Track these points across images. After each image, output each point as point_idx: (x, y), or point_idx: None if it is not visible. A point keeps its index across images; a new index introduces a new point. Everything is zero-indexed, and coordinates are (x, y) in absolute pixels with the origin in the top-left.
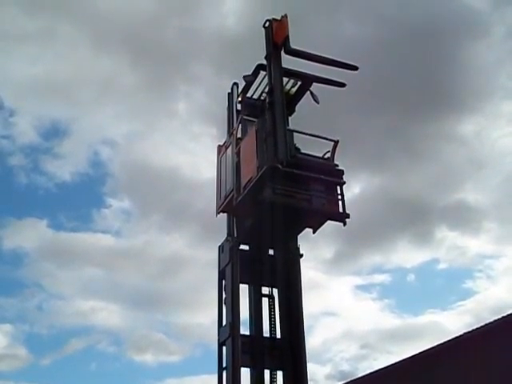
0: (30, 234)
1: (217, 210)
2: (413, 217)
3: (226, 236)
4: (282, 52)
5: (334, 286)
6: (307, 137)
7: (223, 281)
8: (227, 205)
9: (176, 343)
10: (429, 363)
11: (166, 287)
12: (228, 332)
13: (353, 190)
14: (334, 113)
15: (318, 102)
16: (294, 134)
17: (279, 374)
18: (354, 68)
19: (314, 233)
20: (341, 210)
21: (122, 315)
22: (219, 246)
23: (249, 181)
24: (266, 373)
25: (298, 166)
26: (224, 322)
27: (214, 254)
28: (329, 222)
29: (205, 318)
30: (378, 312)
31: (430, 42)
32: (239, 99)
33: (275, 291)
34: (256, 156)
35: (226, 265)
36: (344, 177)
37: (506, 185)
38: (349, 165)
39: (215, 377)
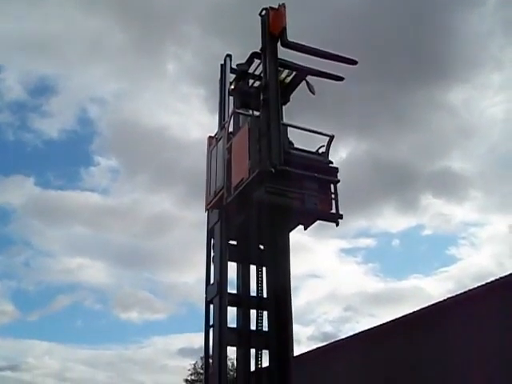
0: (18, 191)
1: (206, 205)
2: (399, 183)
3: None
4: (279, 43)
5: (320, 249)
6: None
7: (212, 239)
8: (217, 201)
9: (161, 301)
10: (411, 327)
11: (153, 246)
12: (216, 290)
13: (340, 155)
14: (322, 79)
15: (313, 93)
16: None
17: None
18: (353, 62)
19: (305, 229)
20: (334, 210)
21: (109, 273)
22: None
23: (240, 181)
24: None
25: (291, 163)
26: (212, 281)
27: (201, 214)
28: None
29: (191, 277)
30: (362, 275)
31: (421, 9)
32: (232, 87)
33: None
34: (248, 156)
35: (215, 223)
36: (338, 175)
37: (493, 154)
38: (336, 129)
39: (200, 335)
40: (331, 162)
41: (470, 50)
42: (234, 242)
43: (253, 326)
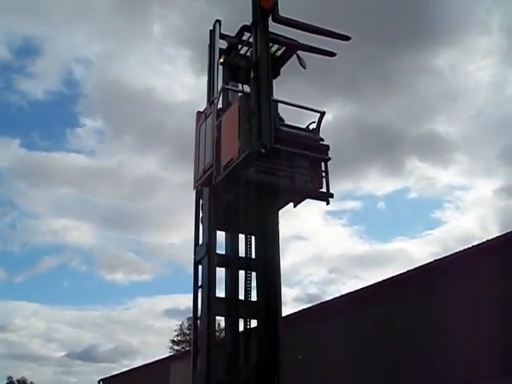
0: (3, 152)
1: (195, 183)
2: (384, 146)
3: None
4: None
5: (305, 212)
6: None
7: (200, 200)
8: (206, 180)
9: (147, 263)
10: (396, 290)
11: (139, 207)
12: (204, 251)
13: (326, 117)
14: (308, 41)
15: (304, 67)
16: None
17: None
18: (346, 38)
19: (294, 207)
20: (324, 189)
21: (94, 234)
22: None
23: (230, 161)
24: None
25: (281, 140)
26: (200, 242)
27: (187, 176)
28: None
29: (176, 238)
30: (348, 238)
31: None
32: (221, 60)
33: None
34: (238, 136)
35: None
36: (329, 152)
37: (479, 118)
38: (322, 92)
39: (186, 296)
40: (322, 139)
41: (457, 14)
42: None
43: (241, 287)
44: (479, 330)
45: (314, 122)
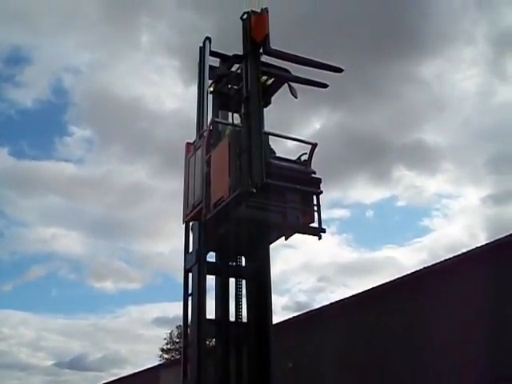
0: None
1: (184, 218)
2: (371, 155)
3: None
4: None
5: None
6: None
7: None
8: (195, 215)
9: (136, 271)
10: (384, 297)
11: (127, 216)
12: (194, 259)
13: (313, 126)
14: (295, 50)
15: (296, 97)
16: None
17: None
18: (339, 70)
19: (286, 239)
20: (316, 223)
21: (83, 243)
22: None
23: (220, 199)
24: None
25: (272, 175)
26: (190, 249)
27: (175, 185)
28: None
29: (165, 246)
30: (336, 246)
31: None
32: (211, 89)
33: None
34: (228, 173)
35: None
36: (321, 185)
37: (466, 127)
38: (309, 100)
39: (175, 304)
40: (314, 172)
41: (442, 25)
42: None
43: (231, 296)
44: (467, 335)
45: (305, 154)
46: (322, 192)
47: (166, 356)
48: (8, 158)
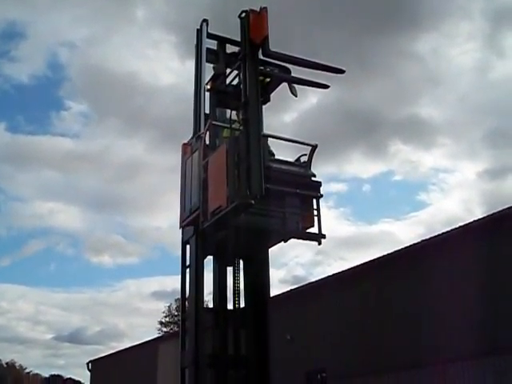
0: None
1: (181, 223)
2: (367, 129)
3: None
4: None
5: None
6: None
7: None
8: (192, 220)
9: (134, 245)
10: (381, 270)
11: (125, 191)
12: (192, 231)
13: (310, 100)
14: (291, 24)
15: (295, 95)
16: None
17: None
18: (340, 71)
19: (285, 242)
20: (316, 229)
21: (80, 217)
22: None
23: (217, 208)
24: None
25: (271, 179)
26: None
27: (172, 160)
28: None
29: (162, 221)
30: (334, 220)
31: None
32: (208, 87)
33: None
34: (226, 182)
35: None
36: (321, 189)
37: (462, 102)
38: (305, 75)
39: (174, 278)
40: (314, 175)
41: (437, 0)
42: None
43: (229, 272)
44: (463, 310)
45: (305, 155)
46: (322, 196)
47: (164, 329)
48: (4, 133)
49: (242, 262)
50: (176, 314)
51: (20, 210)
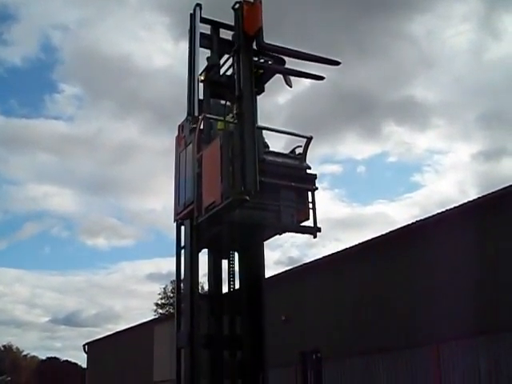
0: None
1: (175, 217)
2: (361, 111)
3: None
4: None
5: None
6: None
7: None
8: (186, 214)
9: (129, 228)
10: (376, 251)
11: (119, 173)
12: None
13: (304, 82)
14: (286, 4)
15: (290, 86)
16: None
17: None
18: (335, 63)
19: (280, 235)
20: (311, 222)
21: (75, 200)
22: (179, 126)
23: (212, 203)
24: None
25: (266, 172)
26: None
27: (166, 142)
28: None
29: (156, 203)
30: (329, 201)
31: None
32: (202, 78)
33: None
34: (220, 178)
35: (187, 145)
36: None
37: (456, 83)
38: (300, 65)
39: (168, 260)
40: (309, 168)
41: None
42: None
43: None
44: (456, 290)
45: (299, 146)
46: (317, 188)
47: (160, 311)
48: None
49: (236, 254)
50: (171, 295)
51: (15, 193)
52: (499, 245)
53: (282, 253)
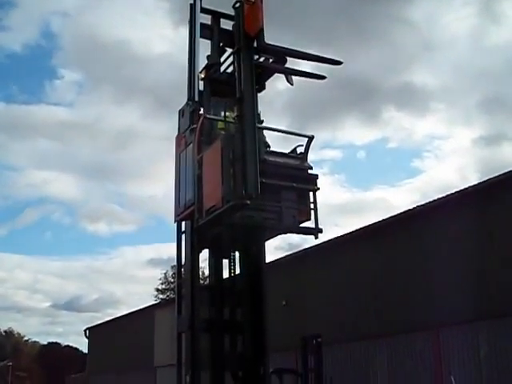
0: None
1: (175, 218)
2: (361, 96)
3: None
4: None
5: None
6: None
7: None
8: (187, 215)
9: (129, 213)
10: (376, 236)
11: (119, 159)
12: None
13: (304, 68)
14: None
15: (291, 84)
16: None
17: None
18: (338, 63)
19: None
20: (313, 223)
21: (76, 186)
22: (179, 111)
23: (212, 207)
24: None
25: (266, 173)
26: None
27: (166, 128)
28: None
29: (157, 189)
30: (329, 186)
31: None
32: (202, 76)
33: None
34: (221, 181)
35: (186, 129)
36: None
37: (457, 68)
38: (298, 41)
39: (169, 245)
40: (311, 168)
41: None
42: None
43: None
44: (457, 275)
45: (301, 145)
46: (318, 189)
47: (161, 296)
48: None
49: (237, 253)
50: (172, 280)
51: (15, 179)
52: (499, 230)
53: (282, 239)
